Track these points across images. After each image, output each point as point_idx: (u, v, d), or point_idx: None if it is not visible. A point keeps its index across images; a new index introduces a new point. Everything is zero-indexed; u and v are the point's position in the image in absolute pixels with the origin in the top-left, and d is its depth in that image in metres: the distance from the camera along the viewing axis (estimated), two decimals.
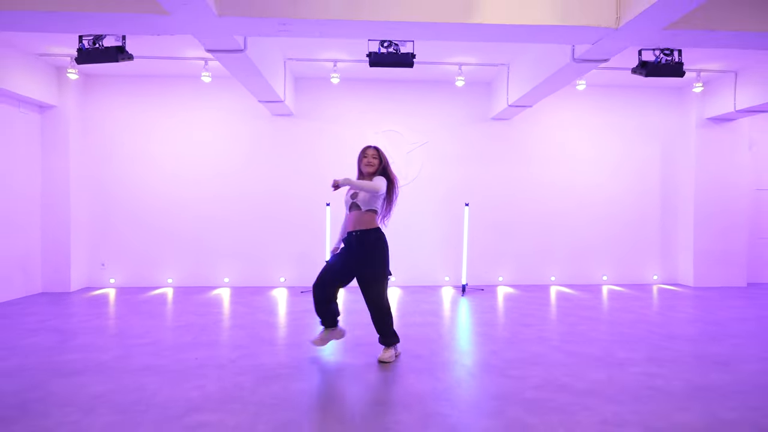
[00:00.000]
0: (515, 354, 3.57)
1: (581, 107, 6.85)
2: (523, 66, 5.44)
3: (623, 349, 3.71)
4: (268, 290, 6.32)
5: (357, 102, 6.64)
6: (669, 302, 5.66)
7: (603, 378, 3.07)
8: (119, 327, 4.33)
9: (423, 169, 6.72)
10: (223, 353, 3.54)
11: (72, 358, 3.43)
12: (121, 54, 4.62)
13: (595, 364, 3.33)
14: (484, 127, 6.78)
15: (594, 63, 4.15)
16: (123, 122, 6.44)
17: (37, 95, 5.71)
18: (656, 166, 6.98)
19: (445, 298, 5.90)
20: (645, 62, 4.95)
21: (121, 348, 3.66)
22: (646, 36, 3.51)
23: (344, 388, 2.92)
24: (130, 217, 6.45)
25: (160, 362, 3.33)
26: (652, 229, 6.98)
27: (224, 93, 6.47)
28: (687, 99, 6.83)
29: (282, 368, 3.23)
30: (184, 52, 5.48)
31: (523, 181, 6.81)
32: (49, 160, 6.10)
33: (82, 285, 6.38)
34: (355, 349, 3.68)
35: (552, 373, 3.16)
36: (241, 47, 3.85)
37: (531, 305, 5.42)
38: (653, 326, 4.46)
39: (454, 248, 6.67)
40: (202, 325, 4.39)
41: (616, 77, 6.35)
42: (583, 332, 4.22)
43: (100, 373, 3.11)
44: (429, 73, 6.30)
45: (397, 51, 4.78)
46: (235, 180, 6.54)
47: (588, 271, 6.88)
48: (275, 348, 3.70)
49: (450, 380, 3.04)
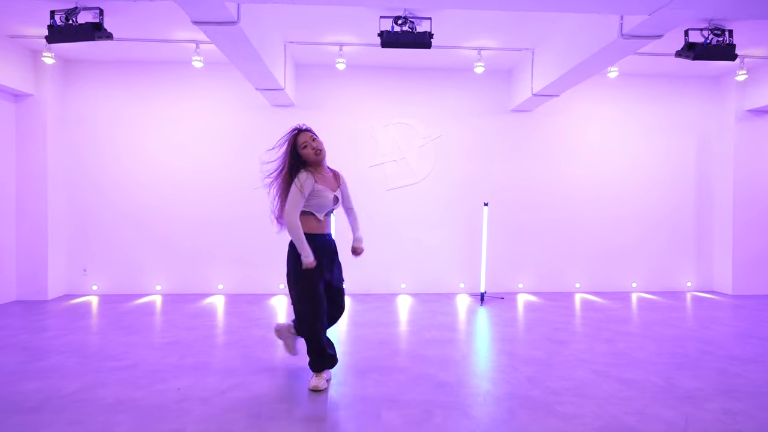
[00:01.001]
0: (558, 382, 3.00)
1: (609, 99, 6.27)
2: (552, 49, 4.87)
3: (683, 375, 3.14)
4: (266, 298, 5.76)
5: (364, 91, 6.07)
6: (711, 313, 5.09)
7: (675, 419, 2.50)
8: (96, 345, 3.77)
9: (436, 165, 6.15)
10: (211, 382, 2.97)
11: (34, 387, 2.86)
12: (98, 31, 4.08)
13: (659, 398, 2.76)
14: (503, 120, 6.21)
15: (645, 40, 3.57)
16: (106, 113, 5.87)
17: (10, 82, 5.14)
18: (691, 162, 6.41)
19: (463, 308, 5.33)
20: (693, 44, 4.41)
21: (93, 373, 3.09)
22: (718, 2, 2.93)
23: (359, 430, 2.35)
24: (115, 217, 5.89)
25: (136, 394, 2.76)
26: (686, 232, 6.41)
27: (218, 81, 5.90)
28: (725, 89, 6.25)
29: (280, 403, 2.67)
30: (173, 33, 4.91)
31: (545, 178, 6.24)
32: (25, 154, 5.53)
33: (61, 292, 5.81)
34: (367, 375, 3.12)
35: (609, 410, 2.60)
36: (233, 18, 3.28)
37: (559, 317, 4.85)
38: (705, 344, 3.89)
39: (469, 252, 6.10)
40: (189, 343, 3.83)
41: (648, 65, 5.78)
42: (628, 352, 3.65)
43: (64, 409, 2.54)
44: (444, 60, 5.73)
45: (413, 29, 4.23)
46: (230, 177, 5.97)
47: (616, 277, 6.31)
48: (272, 374, 3.13)
49: (486, 421, 2.47)
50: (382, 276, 5.96)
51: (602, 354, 3.60)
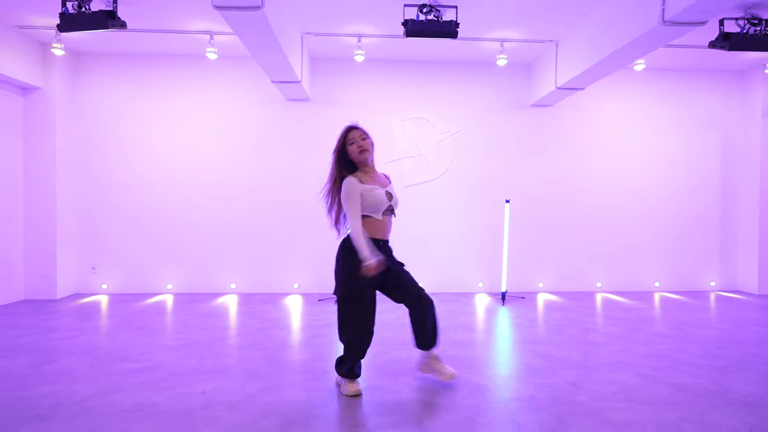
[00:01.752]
0: (603, 387, 2.83)
1: (631, 93, 6.11)
2: (581, 40, 4.70)
3: (734, 380, 2.97)
4: (281, 297, 5.59)
5: (380, 86, 5.90)
6: (743, 314, 4.91)
7: (737, 426, 2.33)
8: (109, 346, 3.60)
9: (454, 161, 5.99)
10: (237, 385, 2.80)
11: (45, 392, 2.69)
12: (111, 20, 3.91)
13: (715, 404, 2.59)
14: (523, 115, 6.04)
15: (688, 27, 3.40)
16: (117, 107, 5.71)
17: (18, 75, 4.99)
18: (716, 159, 6.24)
19: (484, 307, 5.16)
20: (728, 34, 4.23)
21: (108, 377, 2.93)
22: None
23: None
24: (125, 214, 5.72)
25: (156, 399, 2.59)
26: (710, 230, 6.24)
27: (231, 74, 5.74)
28: (752, 84, 6.08)
29: (315, 408, 2.50)
30: (187, 24, 4.75)
31: (565, 175, 6.07)
32: (33, 149, 5.37)
33: (70, 291, 5.65)
34: (399, 378, 2.95)
35: (666, 417, 2.43)
36: (258, 3, 3.11)
37: (585, 317, 4.68)
38: (747, 346, 3.71)
39: (488, 251, 5.94)
40: (207, 344, 3.66)
41: (673, 58, 5.61)
42: (668, 354, 3.48)
43: (77, 417, 2.37)
44: (464, 53, 5.56)
45: (439, 18, 4.06)
46: (243, 173, 5.80)
47: (638, 276, 6.14)
48: (302, 377, 2.97)
49: (537, 429, 2.30)
50: None
51: (643, 356, 3.42)
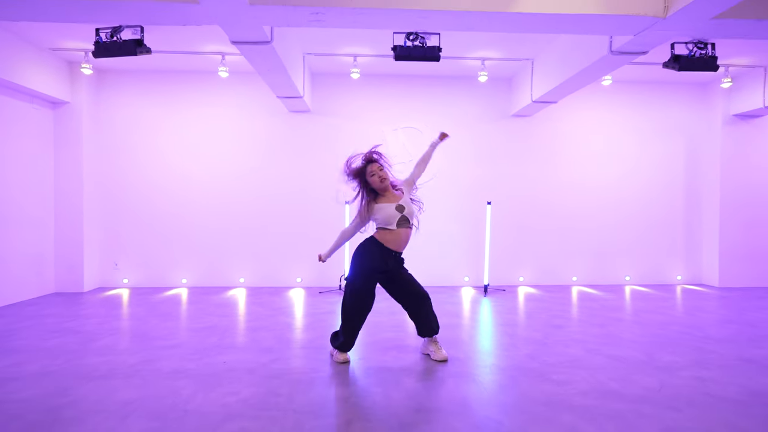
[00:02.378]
0: (553, 357, 3.44)
1: (604, 104, 6.71)
2: (550, 60, 5.30)
3: (664, 351, 3.58)
4: (285, 291, 6.20)
5: (374, 98, 6.51)
6: (696, 303, 5.53)
7: (653, 384, 2.94)
8: (140, 329, 4.21)
9: (442, 167, 6.59)
10: (252, 357, 3.41)
11: (98, 361, 3.31)
12: (139, 47, 4.50)
13: (640, 369, 3.20)
14: (505, 125, 6.65)
15: (632, 56, 4.01)
16: (136, 118, 6.32)
17: (49, 91, 5.59)
18: (680, 163, 6.85)
19: (468, 298, 5.77)
20: (678, 56, 4.81)
21: (147, 351, 3.54)
22: (693, 26, 3.38)
23: (385, 394, 2.79)
24: (144, 215, 6.33)
25: (189, 366, 3.20)
26: (676, 229, 6.85)
27: (239, 89, 6.35)
28: (712, 95, 6.69)
29: (315, 373, 3.11)
30: (202, 46, 5.35)
31: (544, 179, 6.68)
32: (62, 157, 5.98)
33: (95, 285, 6.26)
34: (387, 352, 3.56)
35: (597, 377, 3.04)
36: (267, 38, 3.72)
37: (556, 306, 5.29)
38: (687, 328, 4.33)
39: (473, 248, 6.54)
40: (224, 327, 4.27)
41: (641, 73, 6.21)
42: (617, 334, 4.09)
43: (130, 377, 2.98)
44: (449, 69, 6.16)
45: (424, 44, 4.65)
46: (250, 178, 6.41)
47: (610, 271, 6.75)
48: (304, 351, 3.58)
49: (492, 385, 2.91)
50: None
51: (595, 336, 4.03)
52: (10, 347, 3.64)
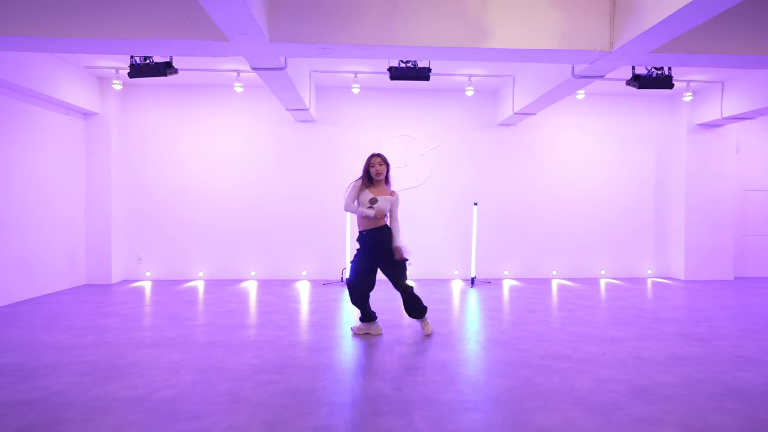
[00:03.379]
0: (522, 333, 4.12)
1: (581, 114, 7.40)
2: (528, 78, 5.99)
3: (615, 329, 4.26)
4: (292, 282, 6.87)
5: (373, 109, 7.19)
6: (660, 293, 6.21)
7: (598, 351, 3.62)
8: (171, 312, 4.88)
9: (435, 170, 7.27)
10: (270, 332, 4.09)
11: (142, 335, 3.98)
12: (169, 69, 5.20)
13: (591, 341, 3.88)
14: (491, 132, 7.33)
15: (591, 78, 4.70)
16: (159, 128, 7.00)
17: (82, 103, 6.26)
18: (651, 168, 7.54)
19: (456, 289, 6.45)
20: (638, 75, 5.52)
21: (181, 328, 4.21)
22: (635, 58, 4.06)
23: (381, 357, 3.46)
24: (165, 215, 7.01)
25: (219, 339, 3.88)
26: (647, 227, 7.54)
27: (251, 101, 7.03)
28: (678, 106, 7.38)
29: (323, 343, 3.79)
30: (220, 65, 6.03)
31: (527, 182, 7.37)
32: (92, 162, 6.65)
33: (121, 277, 6.94)
34: (384, 329, 4.23)
35: (554, 347, 3.72)
36: (282, 66, 4.40)
37: (534, 295, 5.97)
38: (643, 312, 5.01)
39: (463, 244, 7.22)
40: (242, 311, 4.95)
41: (613, 87, 6.90)
42: (581, 317, 4.77)
43: (173, 346, 3.66)
44: (441, 84, 6.85)
45: (415, 66, 5.34)
46: (261, 180, 7.10)
47: (587, 265, 7.44)
48: (313, 328, 4.26)
49: (468, 352, 3.59)
50: None
51: (561, 318, 4.72)
52: (63, 326, 4.31)
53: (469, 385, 2.92)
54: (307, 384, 2.91)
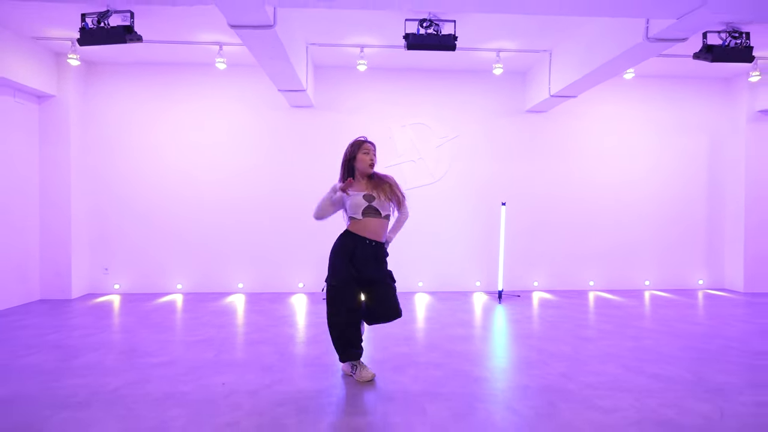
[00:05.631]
0: (591, 377, 3.08)
1: (621, 99, 6.37)
2: (573, 51, 4.95)
3: (712, 369, 3.23)
4: (286, 297, 5.82)
5: (381, 93, 6.14)
6: (728, 311, 5.18)
7: (709, 411, 2.58)
8: (129, 342, 3.83)
9: (452, 165, 6.23)
10: (253, 377, 3.04)
11: (77, 383, 2.92)
12: (129, 34, 4.14)
13: (692, 392, 2.84)
14: (519, 120, 6.29)
15: (671, 43, 3.66)
16: (128, 114, 5.93)
17: (34, 83, 5.20)
18: (702, 162, 6.51)
19: (480, 305, 5.41)
20: (711, 46, 4.48)
21: (134, 370, 3.15)
22: (742, 8, 3.01)
23: (408, 424, 2.42)
24: (136, 217, 5.94)
25: (182, 389, 2.82)
26: (698, 231, 6.51)
27: (238, 82, 5.96)
28: (737, 90, 6.35)
29: (325, 397, 2.74)
30: (197, 35, 4.97)
31: (559, 178, 6.33)
32: (48, 154, 5.58)
33: (84, 291, 5.86)
34: (403, 371, 3.19)
35: (646, 403, 2.67)
36: (270, 22, 3.34)
37: (578, 314, 4.94)
38: (730, 340, 3.97)
39: (485, 251, 6.18)
40: (221, 340, 3.89)
41: (663, 66, 5.86)
42: (654, 348, 3.73)
43: (113, 404, 2.60)
44: (460, 62, 5.80)
45: (438, 32, 4.30)
46: (249, 176, 6.03)
47: (629, 275, 6.40)
48: (311, 370, 3.21)
49: (529, 413, 2.55)
50: (400, 274, 6.01)
51: (630, 350, 3.67)
52: None
53: None
54: None
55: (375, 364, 3.29)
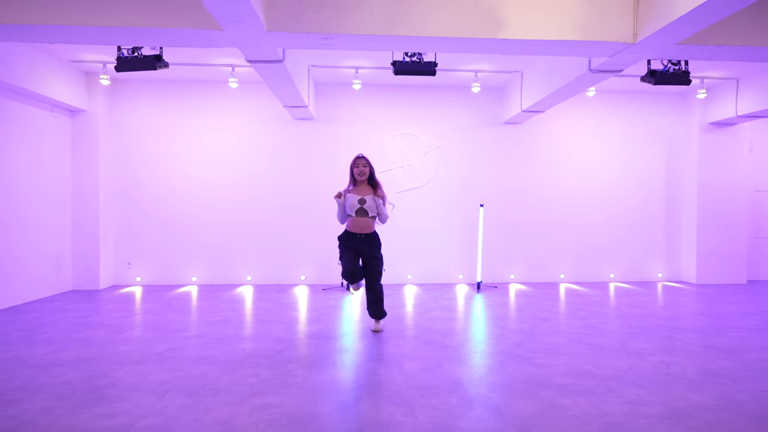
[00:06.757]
0: (537, 345, 3.84)
1: (590, 112, 7.14)
2: (538, 74, 5.72)
3: (637, 340, 3.99)
4: (290, 288, 6.57)
5: (375, 106, 6.90)
6: (674, 298, 5.96)
7: (623, 366, 3.35)
8: (161, 322, 4.57)
9: (438, 170, 6.99)
10: (268, 345, 3.79)
11: (128, 349, 3.67)
12: (158, 62, 4.87)
13: (614, 354, 3.61)
14: (497, 131, 7.06)
15: (609, 73, 4.43)
16: (150, 125, 6.68)
17: (68, 99, 5.93)
18: (661, 168, 7.29)
19: (462, 295, 6.17)
20: (654, 71, 5.24)
21: (171, 341, 3.91)
22: (659, 50, 3.79)
23: (389, 375, 3.17)
24: (156, 217, 6.69)
25: (212, 353, 3.58)
26: (657, 229, 7.29)
27: (247, 98, 6.72)
28: (690, 104, 7.14)
29: (325, 358, 3.49)
30: (213, 59, 5.71)
31: (534, 182, 7.10)
32: (79, 161, 6.32)
33: (110, 283, 6.61)
34: (389, 341, 3.95)
35: (575, 362, 3.44)
36: (280, 58, 4.09)
37: (544, 301, 5.70)
38: (661, 320, 4.75)
39: (467, 247, 6.94)
40: (238, 321, 4.65)
41: (624, 83, 6.63)
42: (597, 326, 4.50)
43: (161, 363, 3.35)
44: (445, 80, 6.56)
45: (421, 60, 5.04)
46: (257, 181, 6.79)
47: (596, 269, 7.18)
48: (314, 341, 3.96)
49: (482, 368, 3.31)
50: (391, 268, 6.79)
51: (577, 327, 4.44)
52: (43, 338, 3.99)
53: (489, 410, 2.63)
54: (308, 409, 2.62)
55: (366, 337, 4.04)
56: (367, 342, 3.91)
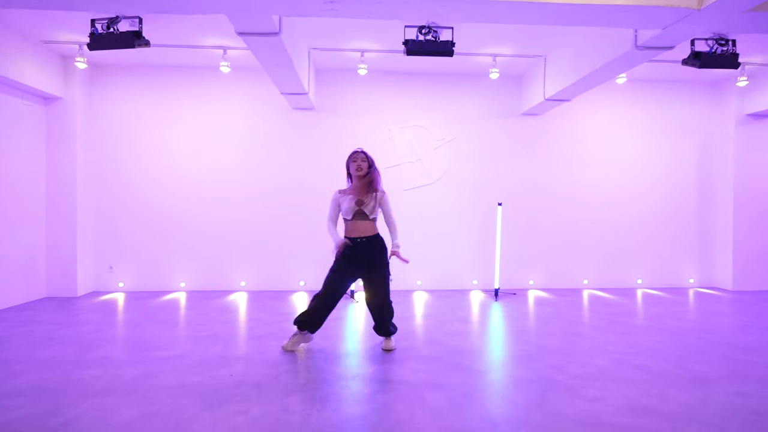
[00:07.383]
0: (579, 369, 3.25)
1: (614, 102, 6.55)
2: (564, 57, 5.12)
3: (693, 362, 3.41)
4: (288, 294, 5.98)
5: (381, 96, 6.30)
6: (713, 307, 5.37)
7: (689, 399, 2.76)
8: (139, 337, 3.98)
9: (450, 166, 6.40)
10: (259, 369, 3.20)
11: (95, 374, 3.07)
12: (137, 39, 4.26)
13: (673, 382, 3.02)
14: (515, 123, 6.46)
15: (657, 51, 3.83)
16: (133, 115, 6.07)
17: (42, 86, 5.33)
18: (693, 164, 6.70)
19: (478, 303, 5.58)
20: (699, 53, 4.63)
21: (147, 362, 3.31)
22: (726, 19, 3.19)
23: (409, 412, 2.58)
24: (140, 216, 6.09)
25: (193, 379, 2.98)
26: (689, 231, 6.70)
27: (241, 85, 6.11)
28: (725, 94, 6.54)
29: (329, 387, 2.90)
30: (202, 40, 5.12)
31: (554, 179, 6.50)
32: (55, 155, 5.72)
33: (89, 289, 6.01)
34: (403, 363, 3.36)
35: (627, 392, 2.85)
36: (276, 29, 3.50)
37: (572, 311, 5.11)
38: (710, 334, 4.16)
39: (482, 250, 6.36)
40: (227, 336, 4.05)
41: (652, 71, 6.04)
42: (640, 342, 3.91)
43: (130, 394, 2.76)
44: (459, 66, 5.97)
45: (436, 38, 4.44)
46: (251, 177, 6.18)
47: (622, 274, 6.59)
48: (315, 362, 3.37)
49: (523, 402, 2.71)
50: (399, 273, 6.18)
51: (618, 345, 3.85)
52: (3, 358, 3.40)
53: None
54: None
55: (377, 357, 3.45)
56: (378, 364, 3.32)
